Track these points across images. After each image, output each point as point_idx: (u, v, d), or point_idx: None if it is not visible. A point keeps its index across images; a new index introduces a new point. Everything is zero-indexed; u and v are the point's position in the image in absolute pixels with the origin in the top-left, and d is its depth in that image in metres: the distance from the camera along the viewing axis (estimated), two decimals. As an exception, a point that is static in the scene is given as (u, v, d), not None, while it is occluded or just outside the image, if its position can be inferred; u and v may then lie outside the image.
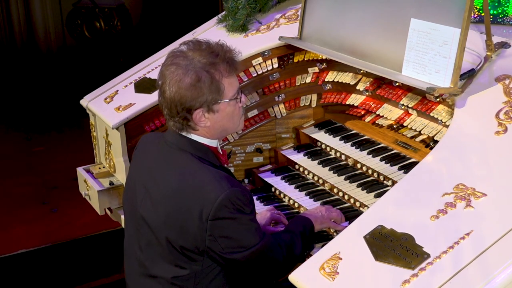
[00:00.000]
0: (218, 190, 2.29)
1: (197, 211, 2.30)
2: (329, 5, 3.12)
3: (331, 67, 3.36)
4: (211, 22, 3.76)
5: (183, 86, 2.32)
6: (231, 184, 2.33)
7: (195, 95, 2.33)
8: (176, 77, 2.33)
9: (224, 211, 2.28)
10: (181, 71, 2.33)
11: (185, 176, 2.37)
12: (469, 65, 2.67)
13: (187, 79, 2.32)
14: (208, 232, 2.30)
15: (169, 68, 2.36)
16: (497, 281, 1.89)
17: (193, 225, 2.31)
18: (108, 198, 3.33)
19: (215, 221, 2.29)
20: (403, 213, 2.21)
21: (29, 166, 6.31)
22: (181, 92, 2.33)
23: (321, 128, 3.37)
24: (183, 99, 2.33)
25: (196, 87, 2.33)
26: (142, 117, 3.22)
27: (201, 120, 2.39)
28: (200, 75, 2.33)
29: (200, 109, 2.36)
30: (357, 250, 2.11)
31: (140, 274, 2.53)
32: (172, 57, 2.39)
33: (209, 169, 2.37)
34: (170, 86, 2.34)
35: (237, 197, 2.31)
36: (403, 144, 2.99)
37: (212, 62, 2.36)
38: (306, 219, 2.66)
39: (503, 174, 2.22)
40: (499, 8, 3.05)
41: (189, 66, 2.33)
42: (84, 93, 3.63)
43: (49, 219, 5.33)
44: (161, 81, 2.39)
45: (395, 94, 3.04)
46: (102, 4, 8.41)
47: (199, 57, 2.35)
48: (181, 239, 2.36)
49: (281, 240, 2.50)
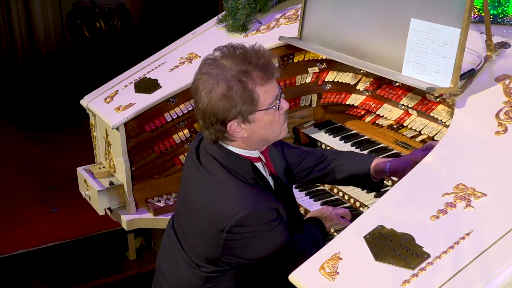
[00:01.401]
0: (238, 208, 2.23)
1: (215, 223, 2.27)
2: (329, 5, 3.12)
3: (331, 67, 3.36)
4: (211, 22, 3.76)
5: (214, 97, 2.21)
6: (254, 203, 2.25)
7: (228, 106, 2.21)
8: (207, 87, 2.22)
9: (240, 228, 2.25)
10: (212, 81, 2.22)
11: (211, 191, 2.32)
12: (469, 65, 2.67)
13: (218, 89, 2.20)
14: (223, 243, 2.29)
15: (201, 78, 2.25)
16: (497, 281, 1.89)
17: (211, 235, 2.30)
18: (108, 198, 3.33)
19: (230, 234, 2.26)
20: (403, 213, 2.20)
21: (29, 166, 6.31)
22: (213, 103, 2.21)
23: (321, 128, 3.37)
24: (215, 111, 2.22)
25: (228, 97, 2.20)
26: (142, 117, 3.22)
27: (236, 131, 2.27)
28: (231, 85, 2.20)
29: (234, 120, 2.24)
30: (357, 250, 2.11)
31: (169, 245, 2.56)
32: (204, 65, 2.28)
33: (236, 185, 2.29)
34: (202, 97, 2.23)
35: (259, 216, 2.25)
36: (403, 144, 2.99)
37: (245, 70, 2.22)
38: (316, 219, 2.65)
39: (503, 174, 2.22)
40: (499, 8, 3.05)
41: (220, 76, 2.21)
42: (84, 93, 3.63)
43: (49, 219, 5.33)
44: (194, 91, 2.29)
45: (395, 94, 3.04)
46: (102, 4, 8.41)
47: (231, 65, 2.23)
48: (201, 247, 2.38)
49: (307, 235, 2.49)
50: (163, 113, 3.26)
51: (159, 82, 3.35)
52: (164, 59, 3.57)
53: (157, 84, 3.33)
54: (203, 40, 3.63)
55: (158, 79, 3.37)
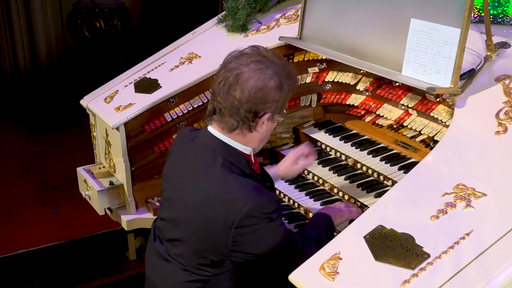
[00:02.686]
0: (244, 200, 2.26)
1: (221, 218, 2.28)
2: (329, 5, 3.12)
3: (331, 67, 3.36)
4: (211, 22, 3.76)
5: (270, 86, 2.30)
6: (258, 194, 2.30)
7: (277, 98, 2.33)
8: (263, 76, 2.30)
9: (248, 221, 2.27)
10: (268, 72, 2.31)
11: (212, 186, 2.34)
12: (469, 65, 2.67)
13: (272, 82, 2.31)
14: (232, 239, 2.30)
15: (251, 66, 2.31)
16: (497, 281, 1.89)
17: (217, 232, 2.31)
18: (108, 198, 3.33)
19: (239, 228, 2.28)
20: (403, 213, 2.21)
21: (29, 166, 6.31)
22: (265, 92, 2.30)
23: (321, 128, 3.37)
24: (264, 98, 2.30)
25: (280, 91, 2.33)
26: (142, 117, 3.22)
27: (262, 125, 2.37)
28: (282, 83, 2.33)
29: (269, 114, 2.35)
30: (357, 250, 2.11)
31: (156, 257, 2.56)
32: (247, 54, 2.36)
33: (236, 178, 2.33)
34: (256, 82, 2.29)
35: (263, 206, 2.29)
36: (403, 144, 2.99)
37: (290, 76, 2.38)
38: (326, 215, 2.66)
39: (503, 174, 2.22)
40: (499, 8, 3.05)
41: (274, 70, 2.32)
42: (84, 93, 3.63)
43: (49, 219, 5.33)
44: (235, 72, 2.31)
45: (395, 94, 3.04)
46: (102, 4, 8.40)
47: (280, 63, 2.36)
48: (203, 247, 2.37)
49: (309, 235, 2.50)
50: (163, 113, 3.26)
51: (159, 82, 3.35)
52: (164, 59, 3.57)
53: (157, 84, 3.33)
54: (203, 40, 3.63)
55: (158, 79, 3.37)
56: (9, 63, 8.37)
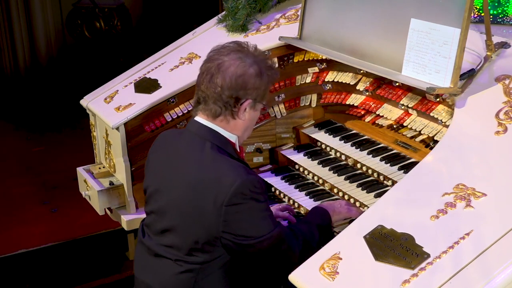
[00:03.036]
0: (234, 177, 2.34)
1: (212, 197, 2.35)
2: (329, 5, 3.12)
3: (331, 67, 3.36)
4: (211, 22, 3.76)
5: (249, 73, 2.43)
6: (247, 173, 2.40)
7: (257, 85, 2.45)
8: (242, 63, 2.43)
9: (239, 198, 2.33)
10: (247, 60, 2.45)
11: (202, 166, 2.42)
12: (469, 65, 2.67)
13: (252, 69, 2.44)
14: (223, 218, 2.34)
15: (231, 55, 2.45)
16: (497, 281, 1.89)
17: (208, 213, 2.36)
18: (108, 198, 3.33)
19: (230, 206, 2.33)
20: (403, 213, 2.21)
21: (29, 166, 6.30)
22: (245, 78, 2.43)
23: (321, 128, 3.37)
24: (244, 84, 2.42)
25: (259, 78, 2.46)
26: (142, 117, 3.22)
27: (244, 111, 2.48)
28: (262, 71, 2.47)
29: (250, 101, 2.47)
30: (357, 250, 2.11)
31: (146, 255, 2.61)
32: (228, 47, 2.49)
33: (226, 159, 2.43)
34: (234, 68, 2.42)
35: (253, 184, 2.36)
36: (403, 144, 2.99)
37: (270, 67, 2.53)
38: (324, 210, 2.67)
39: (503, 174, 2.22)
40: (499, 8, 3.05)
41: (254, 59, 2.47)
42: (84, 93, 3.63)
43: (49, 219, 5.33)
44: (216, 62, 2.44)
45: (395, 94, 3.04)
46: (102, 4, 8.40)
47: (260, 55, 2.51)
48: (195, 228, 2.40)
49: (298, 230, 2.52)
50: (163, 113, 3.26)
51: (159, 82, 3.35)
52: (164, 59, 3.57)
53: (157, 84, 3.33)
54: (203, 40, 3.63)
55: (158, 79, 3.37)
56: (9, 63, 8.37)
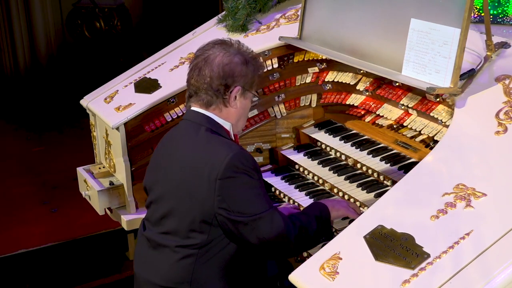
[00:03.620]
0: (226, 151, 2.42)
1: (206, 173, 2.40)
2: (329, 5, 3.12)
3: (331, 67, 3.36)
4: (211, 22, 3.76)
5: (235, 61, 2.54)
6: (239, 148, 2.49)
7: (243, 72, 2.55)
8: (227, 53, 2.55)
9: (232, 171, 2.38)
10: (231, 50, 2.57)
11: (196, 148, 2.49)
12: (469, 65, 2.67)
13: (236, 58, 2.56)
14: (217, 193, 2.38)
15: (216, 47, 2.57)
16: (497, 281, 1.89)
17: (203, 189, 2.40)
18: (108, 198, 3.33)
19: (224, 180, 2.38)
20: (403, 213, 2.21)
21: (29, 166, 6.31)
22: (232, 66, 2.53)
23: (321, 128, 3.37)
24: (232, 72, 2.53)
25: (245, 66, 2.57)
26: (142, 117, 3.22)
27: (235, 99, 2.56)
28: (247, 60, 2.58)
29: (239, 88, 2.55)
30: (357, 250, 2.11)
31: (146, 248, 2.62)
32: (213, 43, 2.61)
33: (219, 138, 2.53)
34: (220, 58, 2.53)
35: (246, 158, 2.43)
36: (403, 144, 2.99)
37: (254, 57, 2.64)
38: (323, 205, 2.67)
39: (503, 174, 2.22)
40: (499, 8, 3.05)
41: (237, 51, 2.58)
42: (84, 93, 3.63)
43: (49, 219, 5.33)
44: (203, 58, 2.55)
45: (395, 94, 3.04)
46: (102, 4, 8.40)
47: (243, 49, 2.62)
48: (191, 206, 2.44)
49: (295, 218, 2.53)
50: (163, 113, 3.26)
51: (159, 82, 3.35)
52: (164, 59, 3.57)
53: (157, 84, 3.34)
54: (203, 40, 3.59)
55: (158, 79, 3.37)
56: (9, 63, 8.37)
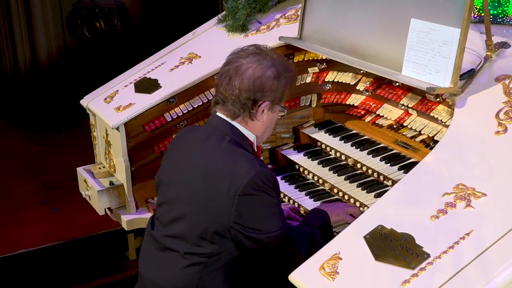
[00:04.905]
0: (249, 167, 2.37)
1: (225, 186, 2.37)
2: (329, 5, 3.12)
3: (331, 67, 3.36)
4: (211, 22, 3.76)
5: (267, 75, 2.48)
6: (262, 165, 2.46)
7: (274, 87, 2.50)
8: (260, 66, 2.48)
9: (252, 188, 2.35)
10: (265, 63, 2.50)
11: (218, 156, 2.45)
12: (469, 65, 2.67)
13: (269, 72, 2.49)
14: (234, 207, 2.36)
15: (250, 57, 2.50)
16: (497, 281, 1.89)
17: (220, 200, 2.38)
18: (108, 198, 3.33)
19: (243, 196, 2.35)
20: (403, 213, 2.21)
21: (29, 166, 6.31)
22: (264, 80, 2.47)
23: (321, 128, 3.37)
24: (262, 86, 2.47)
25: (277, 80, 2.51)
26: (142, 117, 3.22)
27: (262, 113, 2.52)
28: (280, 73, 2.52)
29: (268, 103, 2.51)
30: (357, 250, 2.11)
31: (153, 249, 2.58)
32: (247, 51, 2.54)
33: (242, 151, 2.47)
34: (252, 70, 2.46)
35: (267, 177, 2.39)
36: (403, 144, 2.99)
37: (288, 69, 2.57)
38: (323, 212, 2.68)
39: (503, 174, 2.22)
40: (499, 8, 3.05)
41: (272, 62, 2.51)
42: (84, 93, 3.63)
43: (49, 219, 5.33)
44: (235, 66, 2.49)
45: (395, 94, 3.04)
46: (102, 4, 8.40)
47: (278, 59, 2.55)
48: (206, 216, 2.41)
49: (304, 232, 2.53)
50: (163, 113, 3.26)
51: (159, 82, 3.35)
52: (164, 59, 3.57)
53: (157, 84, 3.33)
54: (203, 40, 3.63)
55: (158, 79, 3.37)
56: (9, 63, 8.37)
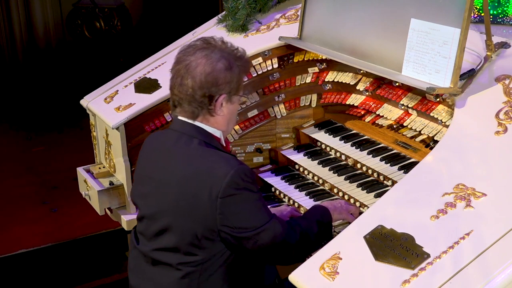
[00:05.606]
0: (226, 168, 2.34)
1: (206, 191, 2.33)
2: (329, 5, 3.12)
3: (331, 67, 3.36)
4: (211, 22, 3.76)
5: (218, 68, 2.40)
6: (238, 163, 2.41)
7: (228, 79, 2.42)
8: (209, 60, 2.41)
9: (233, 188, 2.33)
10: (214, 55, 2.42)
11: (192, 160, 2.41)
12: (469, 65, 2.67)
13: (220, 64, 2.41)
14: (219, 210, 2.33)
15: (197, 53, 2.43)
16: (497, 281, 1.89)
17: (203, 206, 2.34)
18: (108, 198, 3.33)
19: (225, 198, 2.32)
20: (403, 213, 2.21)
21: (29, 166, 6.31)
22: (215, 74, 2.40)
23: (321, 128, 3.37)
24: (215, 81, 2.40)
25: (229, 71, 2.43)
26: (142, 117, 3.22)
27: (221, 107, 2.45)
28: (231, 64, 2.44)
29: (224, 95, 2.44)
30: (357, 250, 2.11)
31: (144, 263, 2.54)
32: (195, 47, 2.46)
33: (215, 151, 2.43)
34: (202, 67, 2.39)
35: (246, 174, 2.36)
36: (403, 144, 2.99)
37: (239, 57, 2.49)
38: (324, 208, 2.66)
39: (503, 174, 2.22)
40: (499, 8, 3.05)
41: (221, 53, 2.43)
42: (84, 93, 3.63)
43: (49, 219, 5.33)
44: (185, 65, 2.42)
45: (395, 94, 3.04)
46: (102, 4, 8.41)
47: (227, 49, 2.47)
48: (192, 223, 2.38)
49: (296, 224, 2.51)
50: (163, 113, 3.26)
51: (159, 82, 3.35)
52: (164, 59, 3.57)
53: (157, 84, 3.33)
54: (203, 40, 3.63)
55: (158, 79, 3.37)
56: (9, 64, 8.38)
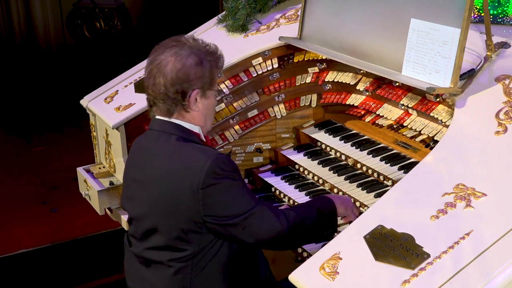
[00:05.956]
0: (203, 158, 2.35)
1: (187, 184, 2.34)
2: (329, 5, 3.12)
3: (331, 67, 3.36)
4: (211, 22, 3.76)
5: (188, 64, 2.42)
6: (216, 152, 2.43)
7: (199, 74, 2.43)
8: (179, 57, 2.42)
9: (212, 178, 2.33)
10: (183, 52, 2.43)
11: (171, 157, 2.42)
12: (469, 65, 2.67)
13: (190, 60, 2.43)
14: (201, 202, 2.34)
15: (167, 51, 2.44)
16: (497, 281, 1.89)
17: (186, 200, 2.35)
18: (108, 198, 3.33)
19: (206, 188, 2.33)
20: (403, 213, 2.21)
21: (29, 166, 6.31)
22: (185, 70, 2.41)
23: (321, 128, 3.37)
24: (186, 77, 2.41)
25: (200, 66, 2.44)
26: (142, 117, 3.22)
27: (196, 102, 2.46)
28: (202, 59, 2.45)
29: (197, 90, 2.44)
30: (357, 250, 2.11)
31: (138, 265, 2.55)
32: (165, 46, 2.48)
33: (193, 145, 2.45)
34: (172, 64, 2.41)
35: (224, 163, 2.37)
36: (403, 144, 2.99)
37: (210, 52, 2.50)
38: (328, 198, 2.63)
39: (503, 174, 2.22)
40: (499, 8, 3.05)
41: (190, 50, 2.44)
42: (84, 93, 3.63)
43: (49, 219, 5.33)
44: (156, 64, 2.44)
45: (395, 94, 3.04)
46: (102, 4, 8.41)
47: (198, 45, 2.49)
48: (176, 219, 2.38)
49: (290, 209, 2.50)
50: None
51: (159, 82, 3.34)
52: (164, 59, 3.56)
53: (157, 84, 3.33)
54: (203, 40, 3.63)
55: (158, 79, 3.36)
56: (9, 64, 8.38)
